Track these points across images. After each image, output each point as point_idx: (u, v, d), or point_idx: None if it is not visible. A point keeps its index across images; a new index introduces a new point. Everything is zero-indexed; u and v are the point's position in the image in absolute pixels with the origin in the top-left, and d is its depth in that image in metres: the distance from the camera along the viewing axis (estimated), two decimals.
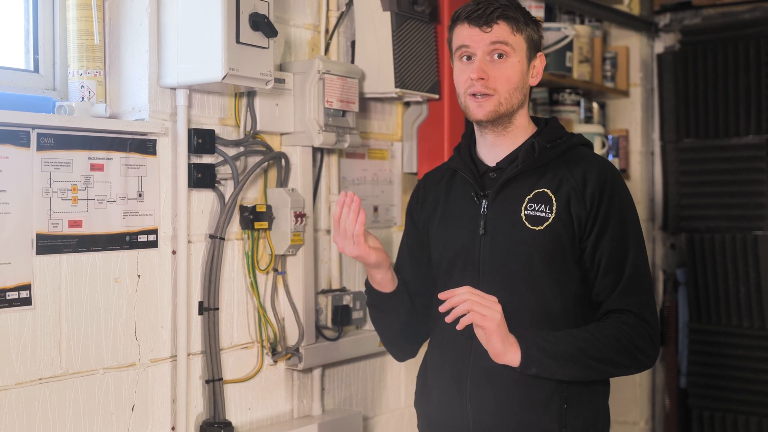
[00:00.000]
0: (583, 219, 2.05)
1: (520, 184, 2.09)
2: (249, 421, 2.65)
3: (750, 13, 4.39)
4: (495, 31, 2.06)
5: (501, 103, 2.07)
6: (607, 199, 2.06)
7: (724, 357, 4.37)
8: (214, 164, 2.52)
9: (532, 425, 2.05)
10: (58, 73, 2.36)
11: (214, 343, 2.50)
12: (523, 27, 2.08)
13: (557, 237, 2.05)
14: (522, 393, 2.04)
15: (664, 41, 4.67)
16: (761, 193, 4.28)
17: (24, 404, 2.11)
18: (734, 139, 4.36)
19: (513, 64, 2.07)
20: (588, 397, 2.10)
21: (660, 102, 4.66)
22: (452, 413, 2.11)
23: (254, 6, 2.34)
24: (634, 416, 4.59)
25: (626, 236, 2.07)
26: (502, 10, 2.06)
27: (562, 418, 2.05)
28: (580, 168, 2.08)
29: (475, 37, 2.07)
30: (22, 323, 2.11)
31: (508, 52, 2.07)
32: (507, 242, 2.07)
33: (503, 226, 2.08)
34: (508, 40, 2.06)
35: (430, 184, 2.29)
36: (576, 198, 2.05)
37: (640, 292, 2.06)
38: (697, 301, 4.46)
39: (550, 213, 2.05)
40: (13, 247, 2.08)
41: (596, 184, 2.06)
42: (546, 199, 2.06)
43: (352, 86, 2.80)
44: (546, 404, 2.04)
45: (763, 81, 4.27)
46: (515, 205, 2.08)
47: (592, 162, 2.11)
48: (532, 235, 2.05)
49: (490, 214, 2.09)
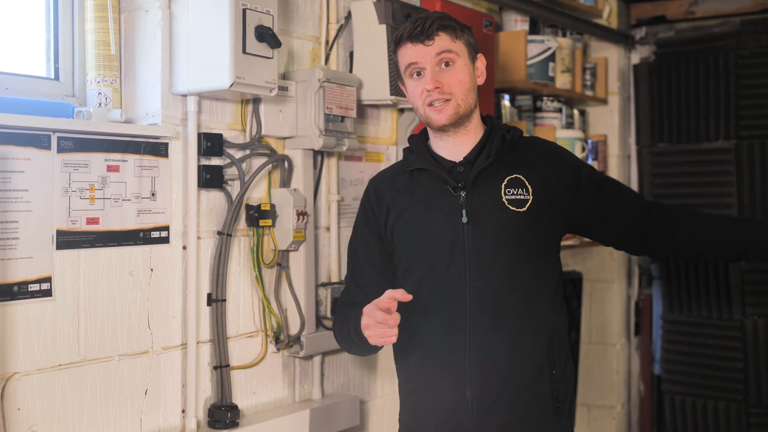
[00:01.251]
0: (563, 194, 2.13)
1: (491, 173, 2.11)
2: (254, 404, 2.65)
3: (720, 27, 4.40)
4: (437, 42, 2.07)
5: (459, 104, 2.08)
6: (576, 166, 2.18)
7: (695, 346, 4.38)
8: (222, 166, 2.52)
9: (530, 392, 2.08)
10: (77, 81, 2.36)
11: (222, 332, 2.50)
12: (460, 33, 2.11)
13: (539, 216, 2.09)
14: (518, 365, 2.07)
15: (640, 53, 4.67)
16: (729, 194, 4.28)
17: (45, 389, 2.11)
18: (705, 143, 4.37)
19: (461, 68, 2.09)
20: (567, 364, 2.16)
21: (636, 109, 4.66)
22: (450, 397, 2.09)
23: (260, 19, 2.34)
24: (611, 401, 4.60)
25: (611, 180, 2.25)
26: (439, 22, 2.08)
27: (553, 383, 2.10)
28: (539, 153, 2.18)
29: (420, 52, 2.08)
30: (43, 313, 2.11)
31: (453, 59, 2.08)
32: (493, 227, 2.07)
33: (488, 212, 2.08)
34: (451, 48, 2.08)
35: (381, 189, 2.21)
36: (549, 178, 2.12)
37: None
38: (670, 294, 4.47)
39: (529, 195, 2.09)
40: (35, 243, 2.08)
41: (560, 160, 2.17)
42: (521, 184, 2.10)
43: (350, 94, 2.80)
44: (539, 374, 2.09)
45: (732, 90, 4.28)
46: (494, 192, 2.09)
47: (543, 145, 2.22)
48: (517, 216, 2.07)
49: (470, 203, 2.08)
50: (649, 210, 2.21)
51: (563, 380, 2.14)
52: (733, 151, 4.27)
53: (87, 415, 2.20)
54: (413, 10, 2.97)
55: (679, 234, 2.18)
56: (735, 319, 4.26)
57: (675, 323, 4.46)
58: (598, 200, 2.17)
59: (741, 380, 4.23)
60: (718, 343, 4.30)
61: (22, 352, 2.07)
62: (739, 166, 4.26)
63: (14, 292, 2.05)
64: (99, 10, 2.29)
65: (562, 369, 2.13)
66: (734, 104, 4.28)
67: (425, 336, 2.12)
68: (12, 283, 2.04)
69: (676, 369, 4.46)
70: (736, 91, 4.27)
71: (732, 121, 4.28)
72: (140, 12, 2.37)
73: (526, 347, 2.08)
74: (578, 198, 2.16)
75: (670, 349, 4.50)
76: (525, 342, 2.08)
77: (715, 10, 4.44)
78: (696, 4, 4.50)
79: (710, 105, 4.33)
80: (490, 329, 2.05)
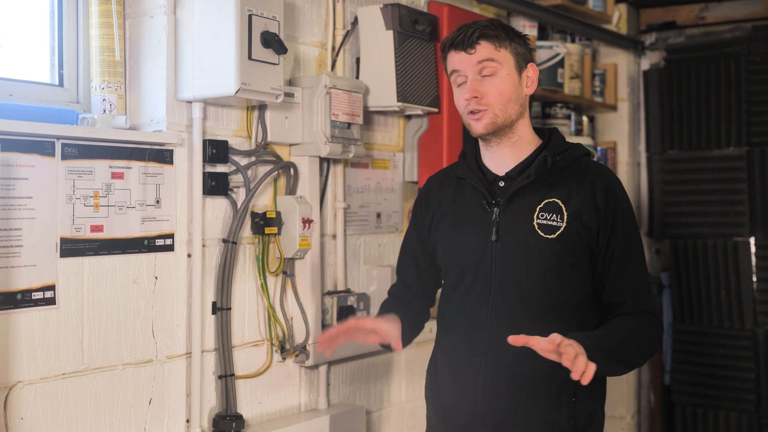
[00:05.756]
0: (594, 228, 2.05)
1: (530, 193, 2.08)
2: (259, 414, 2.64)
3: (731, 32, 4.39)
4: (478, 51, 2.06)
5: (497, 115, 2.07)
6: (613, 210, 2.07)
7: (706, 356, 4.36)
8: (227, 173, 2.52)
9: (543, 418, 2.05)
10: (81, 87, 2.36)
11: (227, 341, 2.50)
12: (506, 42, 2.08)
13: (569, 245, 2.04)
14: (534, 388, 2.03)
15: (649, 59, 4.66)
16: (741, 201, 4.27)
17: (48, 397, 2.11)
18: (716, 150, 4.36)
19: (503, 78, 2.07)
20: (594, 391, 2.10)
21: (646, 116, 4.65)
22: (466, 407, 2.10)
23: (265, 25, 2.35)
24: (621, 411, 4.58)
25: (631, 244, 2.09)
26: (480, 31, 2.07)
27: (571, 410, 2.05)
28: (588, 179, 2.08)
29: (463, 60, 2.08)
30: (47, 322, 2.11)
31: (496, 68, 2.06)
32: (520, 249, 2.05)
33: (516, 233, 2.06)
34: (493, 57, 2.06)
35: (432, 188, 2.27)
36: (587, 208, 2.05)
37: (648, 293, 2.11)
38: (681, 303, 4.45)
39: (561, 222, 2.04)
40: (38, 250, 2.09)
41: (605, 194, 2.07)
42: (557, 209, 2.05)
43: (357, 100, 2.81)
44: (557, 398, 2.04)
45: (743, 96, 4.27)
46: (527, 214, 2.06)
47: (598, 173, 2.11)
48: (544, 242, 2.04)
49: (502, 221, 2.07)
50: (620, 307, 2.09)
51: (584, 412, 2.07)
52: (744, 158, 4.26)
53: (90, 424, 2.20)
54: (420, 16, 2.97)
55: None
56: (747, 328, 4.24)
57: (685, 333, 4.45)
58: (605, 258, 2.07)
59: (753, 390, 4.21)
60: (730, 353, 4.29)
61: (26, 360, 2.07)
62: (750, 173, 4.25)
63: (18, 300, 2.05)
64: (104, 16, 2.30)
65: (584, 399, 2.07)
66: (745, 111, 4.27)
67: (448, 348, 2.16)
68: (15, 291, 2.04)
69: (686, 379, 4.45)
70: (747, 98, 4.27)
71: (743, 127, 4.27)
72: (145, 18, 2.38)
73: (543, 373, 2.02)
74: (598, 243, 2.07)
75: (680, 359, 4.48)
76: (541, 367, 1.99)
77: (726, 15, 4.43)
78: (707, 9, 4.50)
79: (721, 111, 4.33)
80: (505, 350, 1.98)
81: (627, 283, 2.08)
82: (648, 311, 2.09)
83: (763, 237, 4.23)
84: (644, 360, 2.10)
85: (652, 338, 2.08)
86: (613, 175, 2.14)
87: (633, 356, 2.04)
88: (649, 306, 2.10)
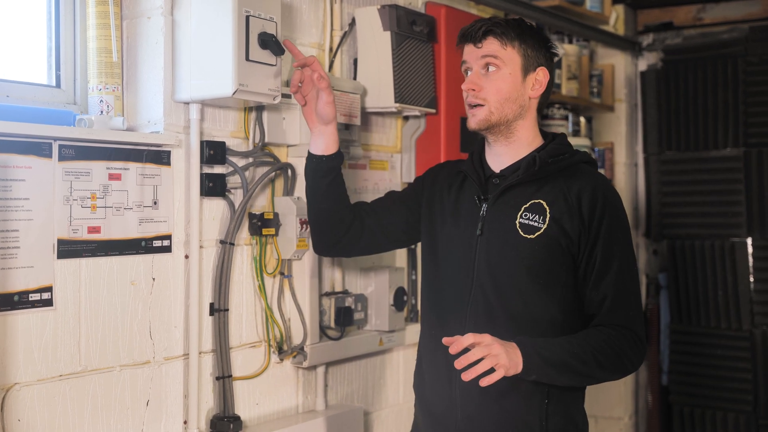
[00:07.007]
0: (575, 236, 2.04)
1: (518, 192, 2.09)
2: (257, 415, 2.64)
3: (728, 33, 4.40)
4: (485, 46, 2.09)
5: (492, 112, 2.08)
6: (598, 219, 2.04)
7: (703, 356, 4.37)
8: (225, 174, 2.52)
9: (514, 414, 2.05)
10: (78, 89, 2.36)
11: (224, 342, 2.50)
12: (515, 42, 2.09)
13: (546, 247, 2.03)
14: (507, 381, 1.96)
15: (647, 59, 4.67)
16: (738, 202, 4.28)
17: (45, 399, 2.11)
18: (713, 151, 4.37)
19: (503, 76, 2.08)
20: (569, 396, 2.09)
21: (643, 116, 4.66)
22: (442, 397, 2.12)
23: (263, 26, 2.35)
24: (618, 412, 4.58)
25: (615, 257, 2.05)
26: (488, 27, 2.09)
27: (543, 411, 2.04)
28: (576, 185, 2.07)
29: (471, 53, 2.12)
30: (44, 323, 2.11)
31: (498, 65, 2.08)
32: (500, 246, 2.07)
33: (498, 230, 2.08)
34: (498, 54, 2.08)
35: (440, 176, 2.29)
36: (570, 215, 2.04)
37: (627, 308, 2.05)
38: (678, 304, 4.46)
39: (543, 224, 2.04)
40: (35, 252, 2.08)
41: (590, 201, 2.04)
42: (541, 210, 2.05)
43: (354, 101, 2.81)
44: (529, 396, 2.04)
45: (740, 97, 4.28)
46: (512, 212, 2.08)
47: (589, 180, 2.08)
48: (523, 242, 2.05)
49: (488, 217, 2.10)
50: (595, 319, 2.07)
51: (559, 413, 2.06)
52: (741, 159, 4.27)
53: (88, 426, 2.20)
54: (418, 17, 2.97)
55: None
56: (744, 329, 4.25)
57: (683, 333, 4.45)
58: (585, 267, 2.05)
59: (750, 391, 4.22)
60: (727, 353, 4.29)
61: (23, 362, 2.07)
62: (747, 173, 4.26)
63: (15, 301, 2.05)
64: (101, 17, 2.30)
65: (556, 401, 2.05)
66: (743, 111, 4.27)
67: (428, 338, 2.19)
68: (12, 293, 2.04)
69: (684, 380, 4.46)
70: (744, 99, 4.27)
71: (740, 128, 4.27)
72: (142, 19, 2.38)
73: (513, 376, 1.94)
74: (579, 251, 2.05)
75: (678, 359, 4.49)
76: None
77: (724, 16, 4.44)
78: (704, 10, 4.50)
79: (718, 112, 4.33)
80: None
81: (604, 295, 2.04)
82: (625, 326, 2.03)
83: (760, 237, 4.23)
84: (610, 375, 2.04)
85: (623, 354, 2.01)
86: (609, 186, 2.12)
87: (590, 369, 1.98)
88: (627, 321, 2.04)
